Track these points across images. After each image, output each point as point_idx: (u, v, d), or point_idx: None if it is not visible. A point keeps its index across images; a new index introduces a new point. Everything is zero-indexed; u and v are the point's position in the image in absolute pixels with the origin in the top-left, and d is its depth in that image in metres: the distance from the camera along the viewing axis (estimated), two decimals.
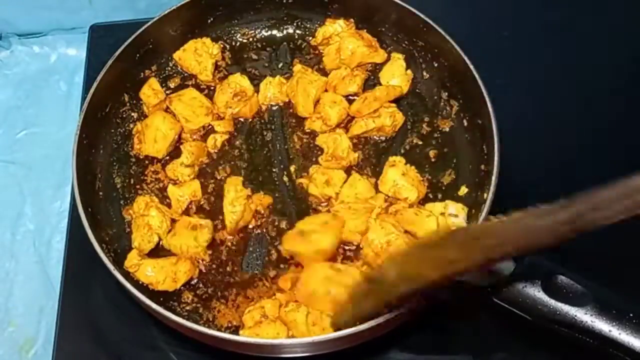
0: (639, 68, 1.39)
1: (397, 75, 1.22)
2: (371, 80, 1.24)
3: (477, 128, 1.11)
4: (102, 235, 1.04)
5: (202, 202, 1.12)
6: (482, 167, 1.08)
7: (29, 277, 1.28)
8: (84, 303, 1.13)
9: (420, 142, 1.17)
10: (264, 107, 1.23)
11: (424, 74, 1.23)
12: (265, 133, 1.20)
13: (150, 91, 1.20)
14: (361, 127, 1.16)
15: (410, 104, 1.22)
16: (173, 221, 1.08)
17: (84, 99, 1.13)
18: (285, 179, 1.15)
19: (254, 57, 1.29)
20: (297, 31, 1.31)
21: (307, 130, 1.19)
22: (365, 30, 1.25)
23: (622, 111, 1.31)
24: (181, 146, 1.15)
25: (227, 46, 1.29)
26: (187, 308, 1.03)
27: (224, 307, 1.02)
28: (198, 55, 1.23)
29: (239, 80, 1.20)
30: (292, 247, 1.00)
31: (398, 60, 1.23)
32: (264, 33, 1.31)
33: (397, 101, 1.20)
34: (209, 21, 1.27)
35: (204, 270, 1.06)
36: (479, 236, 0.75)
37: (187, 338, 0.96)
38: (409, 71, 1.22)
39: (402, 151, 1.17)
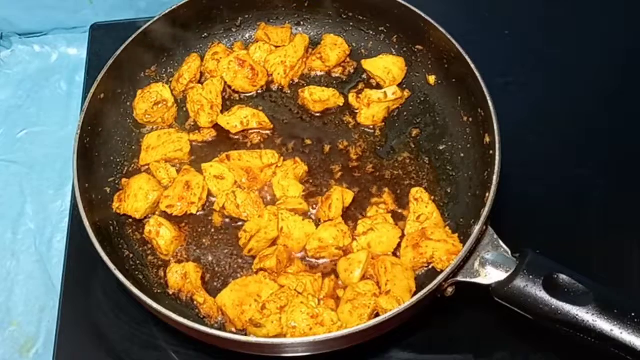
0: (638, 66, 1.38)
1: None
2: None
3: (478, 126, 1.11)
4: (103, 235, 1.04)
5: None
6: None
7: (30, 277, 1.28)
8: (85, 302, 1.13)
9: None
10: None
11: (424, 72, 1.23)
12: None
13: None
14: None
15: (409, 102, 1.22)
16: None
17: (84, 98, 1.13)
18: None
19: None
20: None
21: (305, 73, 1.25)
22: (365, 28, 1.27)
23: (621, 109, 1.31)
24: None
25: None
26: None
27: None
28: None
29: (160, 90, 1.18)
30: None
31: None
32: None
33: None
34: (209, 21, 1.27)
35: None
36: None
37: (187, 337, 0.96)
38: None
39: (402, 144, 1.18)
